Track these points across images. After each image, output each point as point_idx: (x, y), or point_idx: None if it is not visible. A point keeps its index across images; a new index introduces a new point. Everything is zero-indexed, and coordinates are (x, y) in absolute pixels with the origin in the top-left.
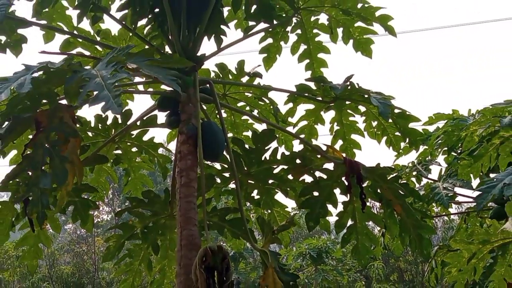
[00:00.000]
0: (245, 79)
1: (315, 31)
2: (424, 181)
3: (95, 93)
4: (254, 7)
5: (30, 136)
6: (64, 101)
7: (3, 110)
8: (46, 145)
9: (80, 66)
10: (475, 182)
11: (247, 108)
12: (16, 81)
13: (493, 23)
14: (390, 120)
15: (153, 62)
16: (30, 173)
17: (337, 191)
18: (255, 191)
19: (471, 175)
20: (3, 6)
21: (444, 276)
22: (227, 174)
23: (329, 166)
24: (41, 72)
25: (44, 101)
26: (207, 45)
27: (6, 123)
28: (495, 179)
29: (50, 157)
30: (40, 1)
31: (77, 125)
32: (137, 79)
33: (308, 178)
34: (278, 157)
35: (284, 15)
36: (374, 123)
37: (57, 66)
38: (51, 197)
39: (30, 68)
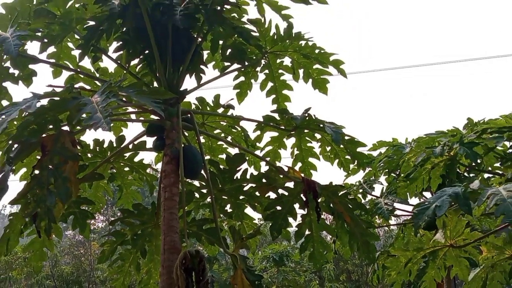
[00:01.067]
0: (220, 110)
1: (280, 71)
2: (369, 197)
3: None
4: (229, 51)
5: (38, 157)
6: (66, 128)
7: (13, 134)
8: (51, 166)
9: (79, 94)
10: (410, 200)
11: (222, 134)
12: (24, 104)
13: (432, 66)
14: (342, 146)
15: (142, 92)
16: (37, 191)
17: (296, 205)
18: (228, 205)
19: (408, 194)
20: (17, 46)
21: (384, 277)
22: (204, 190)
23: (290, 184)
24: (46, 100)
25: (50, 126)
26: (188, 82)
27: (16, 145)
28: (427, 202)
29: (54, 178)
30: (46, 42)
31: (78, 148)
32: (130, 109)
33: (272, 195)
34: (248, 176)
35: (254, 57)
36: (328, 148)
37: (59, 95)
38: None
39: (37, 95)
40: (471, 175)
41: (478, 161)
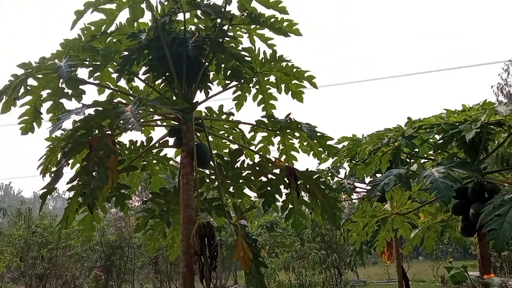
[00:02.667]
0: (223, 116)
1: (267, 86)
2: (336, 179)
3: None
4: (229, 72)
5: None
6: (108, 131)
7: (68, 135)
8: (96, 159)
9: (117, 105)
10: (366, 179)
11: (225, 134)
12: (76, 111)
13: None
14: (315, 141)
15: (164, 103)
16: (85, 177)
17: (281, 186)
18: (231, 187)
19: (365, 175)
20: (68, 72)
21: (348, 238)
22: (213, 177)
23: (277, 171)
24: (92, 110)
25: (96, 131)
26: (199, 95)
27: (69, 144)
28: (378, 179)
29: (98, 167)
30: (92, 69)
31: (117, 146)
32: (156, 117)
33: (264, 179)
34: (245, 165)
35: (247, 76)
36: (305, 143)
37: (102, 105)
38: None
39: (85, 106)
40: (411, 160)
41: (416, 150)
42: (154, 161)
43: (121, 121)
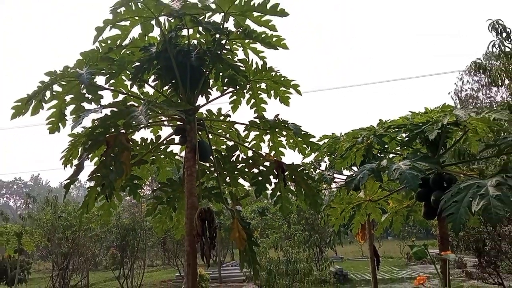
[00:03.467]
0: (221, 117)
1: (259, 92)
2: (318, 171)
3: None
4: (226, 79)
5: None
6: (122, 130)
7: (88, 133)
8: (112, 155)
9: (130, 107)
10: (344, 171)
11: (223, 133)
12: (94, 110)
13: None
14: (300, 138)
15: (171, 105)
16: (104, 171)
17: (271, 177)
18: (228, 178)
19: (342, 168)
20: (88, 78)
21: (328, 221)
22: (212, 169)
23: (267, 164)
24: (108, 111)
25: (112, 130)
26: (200, 100)
27: (90, 141)
28: (354, 174)
29: (114, 162)
30: (108, 76)
31: (130, 143)
32: (163, 118)
33: (256, 170)
34: (240, 159)
35: (242, 84)
36: (291, 140)
37: (117, 106)
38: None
39: (102, 106)
40: (381, 155)
41: (385, 146)
42: (162, 156)
43: (132, 118)
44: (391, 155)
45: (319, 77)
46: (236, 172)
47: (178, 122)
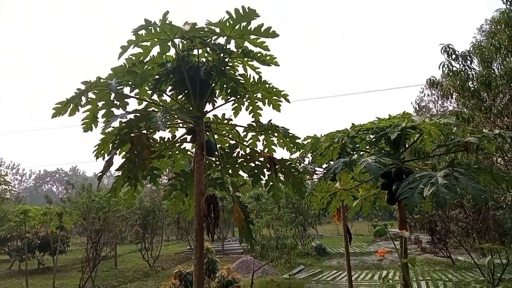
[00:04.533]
0: (225, 121)
1: (255, 100)
2: (302, 165)
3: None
4: (229, 90)
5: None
6: (144, 131)
7: (116, 133)
8: (136, 152)
9: (151, 112)
10: (324, 166)
11: (226, 134)
12: (121, 115)
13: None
14: (288, 139)
15: (183, 112)
16: (129, 165)
17: (265, 170)
18: (230, 170)
19: (322, 163)
20: (116, 87)
21: (311, 205)
22: (217, 163)
23: (262, 159)
24: (133, 115)
25: (135, 130)
26: (208, 106)
27: (117, 140)
28: (331, 166)
29: (137, 158)
30: (132, 87)
31: (150, 142)
32: (178, 121)
33: (252, 164)
34: (240, 155)
35: (242, 94)
36: (281, 140)
37: (140, 112)
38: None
39: (127, 112)
40: (353, 153)
41: (357, 145)
42: (177, 152)
43: (152, 123)
44: (361, 153)
45: (303, 88)
46: (236, 166)
47: (190, 125)
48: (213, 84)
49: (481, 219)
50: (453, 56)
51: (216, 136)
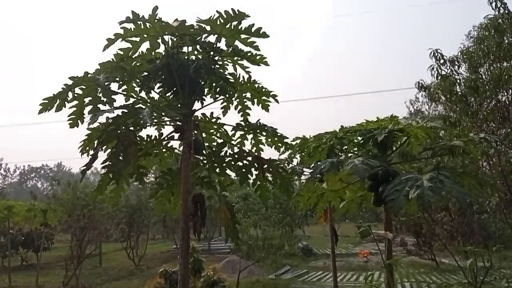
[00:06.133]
0: (213, 120)
1: (244, 100)
2: (290, 165)
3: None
4: (218, 89)
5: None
6: (131, 127)
7: (102, 129)
8: (122, 148)
9: (138, 109)
10: (311, 166)
11: (214, 132)
12: (108, 111)
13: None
14: (276, 138)
15: (171, 108)
16: (114, 161)
17: (252, 169)
18: (217, 169)
19: (310, 163)
20: (103, 84)
21: (298, 206)
22: (205, 161)
23: (249, 158)
24: (120, 111)
25: (122, 127)
26: (196, 105)
27: (103, 136)
28: (318, 165)
29: (123, 154)
30: (120, 83)
31: (137, 139)
32: (166, 118)
33: (240, 163)
34: (227, 154)
35: (231, 93)
36: (269, 140)
37: (127, 108)
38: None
39: (115, 107)
40: (342, 154)
41: (345, 147)
42: (164, 150)
43: (139, 119)
44: (349, 154)
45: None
46: (224, 165)
47: (177, 123)
48: (202, 82)
49: (466, 223)
50: (442, 61)
51: (204, 135)
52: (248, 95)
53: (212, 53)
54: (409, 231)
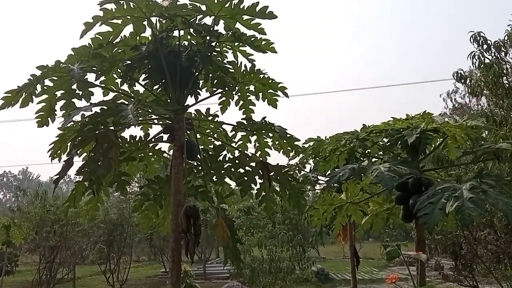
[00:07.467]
0: (210, 118)
1: (247, 94)
2: (303, 172)
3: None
4: (215, 80)
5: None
6: (111, 127)
7: (77, 129)
8: (101, 151)
9: (120, 105)
10: (327, 173)
11: (211, 133)
12: (84, 109)
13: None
14: (285, 140)
15: (160, 104)
16: (92, 166)
17: (256, 177)
18: (214, 177)
19: (325, 170)
20: (80, 73)
21: (311, 221)
22: (199, 168)
23: (253, 164)
24: (98, 108)
25: (101, 126)
26: (190, 100)
27: (79, 138)
28: (335, 172)
29: (103, 158)
30: (100, 73)
31: (119, 140)
32: (153, 116)
33: (242, 170)
34: (226, 159)
35: (231, 85)
36: (277, 142)
37: (107, 104)
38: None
39: (92, 104)
40: (363, 159)
41: (368, 150)
42: (150, 154)
43: (121, 117)
44: (373, 159)
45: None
46: (222, 172)
47: (167, 121)
48: (197, 73)
49: None
50: (485, 46)
51: (198, 136)
52: (252, 88)
53: (208, 37)
54: (445, 252)
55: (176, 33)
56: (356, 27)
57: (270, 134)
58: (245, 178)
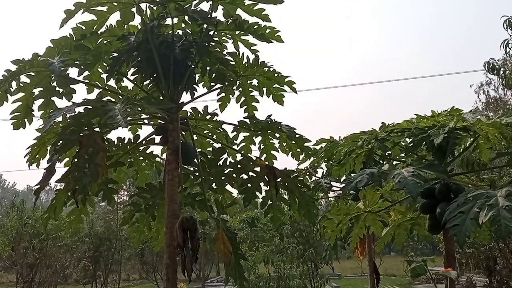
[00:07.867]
0: (208, 117)
1: (250, 89)
2: (314, 178)
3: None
4: (214, 74)
5: (77, 149)
6: (97, 129)
7: (58, 132)
8: (86, 156)
9: (106, 104)
10: (342, 179)
11: (209, 134)
12: (67, 109)
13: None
14: (294, 142)
15: (151, 103)
16: (77, 174)
17: (261, 184)
18: (213, 184)
19: (340, 175)
20: (60, 68)
21: (324, 234)
22: (196, 173)
23: (257, 169)
24: (82, 108)
25: (85, 128)
26: (185, 96)
27: (60, 141)
28: (352, 178)
29: (88, 164)
30: (83, 68)
31: (105, 143)
32: (143, 116)
33: (245, 176)
34: (227, 163)
35: (231, 79)
36: (284, 144)
37: (92, 103)
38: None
39: (75, 104)
40: (383, 162)
41: (389, 152)
42: (141, 158)
43: (109, 118)
44: (394, 162)
45: (326, 74)
46: (223, 178)
47: (159, 121)
48: (193, 66)
49: None
50: None
51: (195, 137)
52: (255, 82)
53: (205, 26)
54: (478, 267)
55: (169, 21)
56: (374, 16)
57: (277, 135)
58: (249, 185)
